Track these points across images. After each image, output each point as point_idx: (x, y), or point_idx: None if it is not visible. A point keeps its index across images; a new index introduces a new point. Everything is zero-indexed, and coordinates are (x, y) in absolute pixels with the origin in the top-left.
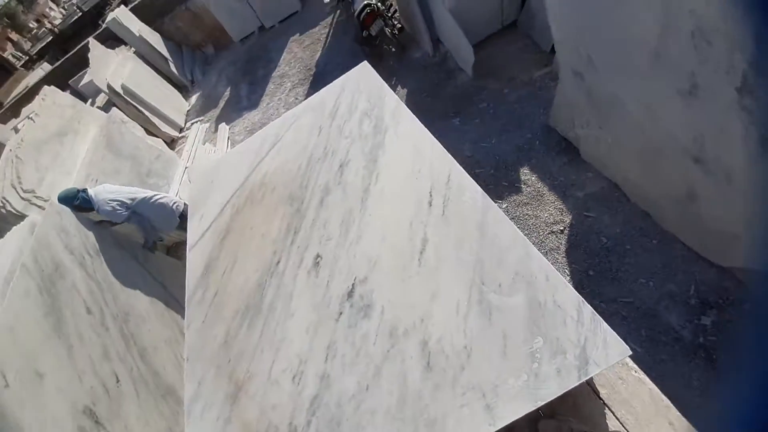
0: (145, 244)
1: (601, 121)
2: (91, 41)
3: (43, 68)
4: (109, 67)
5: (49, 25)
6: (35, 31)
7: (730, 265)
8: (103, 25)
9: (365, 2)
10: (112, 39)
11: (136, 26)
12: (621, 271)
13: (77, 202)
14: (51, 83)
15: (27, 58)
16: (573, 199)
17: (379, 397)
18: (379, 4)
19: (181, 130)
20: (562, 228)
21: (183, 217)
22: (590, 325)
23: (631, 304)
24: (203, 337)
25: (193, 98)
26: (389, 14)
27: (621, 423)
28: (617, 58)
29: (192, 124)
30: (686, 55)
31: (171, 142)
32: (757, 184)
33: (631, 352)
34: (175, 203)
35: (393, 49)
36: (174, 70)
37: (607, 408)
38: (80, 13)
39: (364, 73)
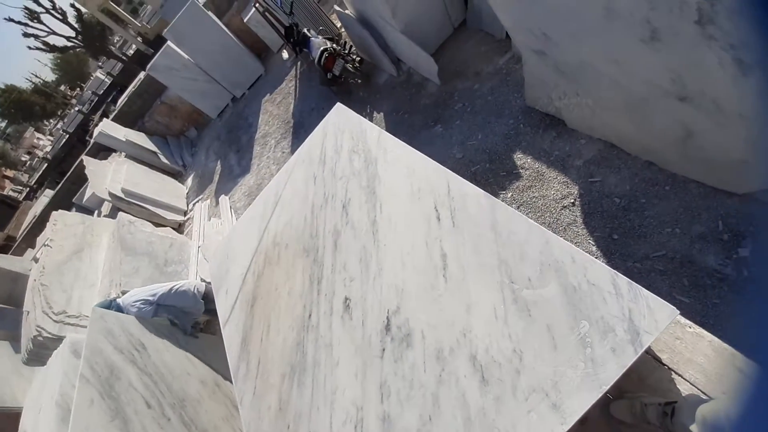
0: (185, 332)
1: (577, 88)
2: (85, 158)
3: (46, 195)
4: (107, 176)
5: (41, 154)
6: (29, 162)
7: (748, 191)
8: (92, 141)
9: (322, 48)
10: (103, 150)
11: (122, 132)
12: (644, 227)
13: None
14: (57, 207)
15: (28, 189)
16: (574, 169)
17: (445, 425)
18: (334, 45)
19: (185, 213)
20: (572, 201)
21: (207, 297)
22: (630, 295)
23: (665, 256)
24: (257, 410)
25: (189, 180)
26: (346, 51)
27: (692, 384)
28: (571, 26)
29: (194, 204)
30: (635, 4)
31: (179, 227)
32: (749, 106)
33: (678, 312)
34: (195, 287)
35: (359, 81)
36: (165, 160)
37: (673, 372)
38: (67, 135)
39: (340, 113)
